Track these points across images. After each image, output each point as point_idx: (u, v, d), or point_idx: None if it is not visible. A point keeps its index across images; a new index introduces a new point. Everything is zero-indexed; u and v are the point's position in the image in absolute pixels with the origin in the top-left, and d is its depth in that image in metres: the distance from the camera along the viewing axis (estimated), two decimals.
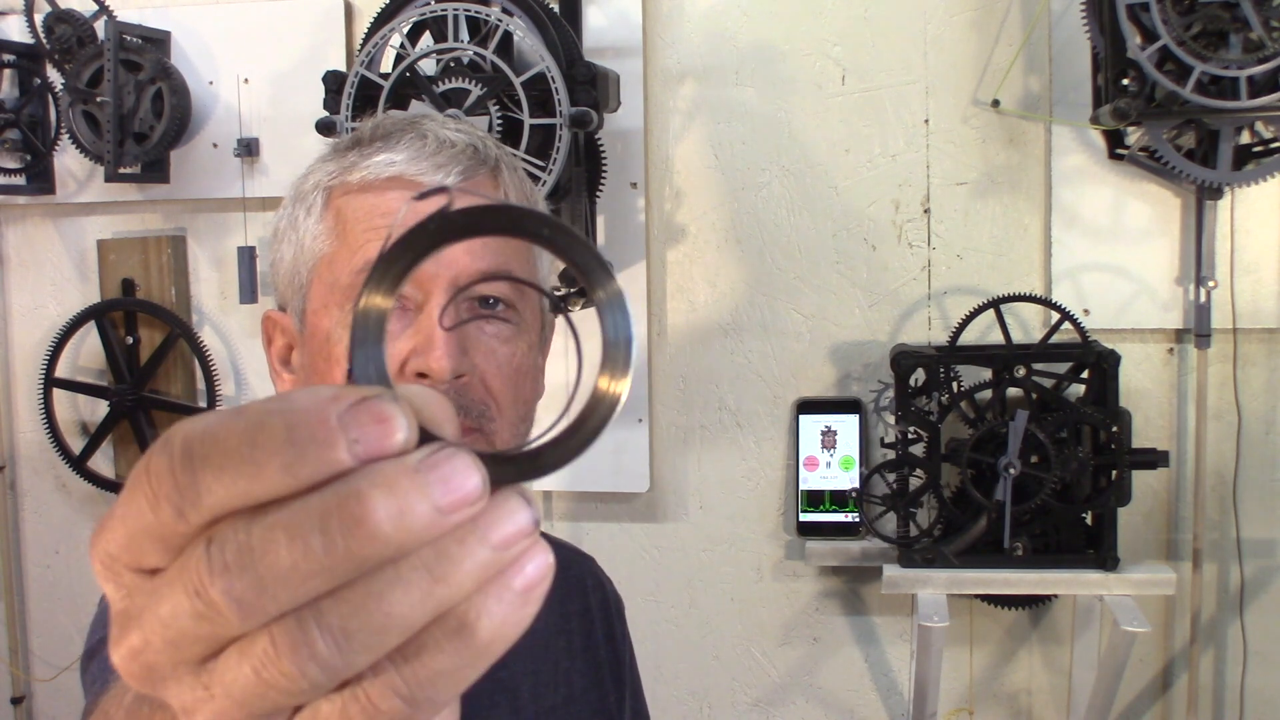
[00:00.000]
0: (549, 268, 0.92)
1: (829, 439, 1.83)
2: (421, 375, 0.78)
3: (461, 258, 0.80)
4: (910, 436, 1.69)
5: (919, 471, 1.69)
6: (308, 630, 0.28)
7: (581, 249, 0.33)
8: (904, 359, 1.68)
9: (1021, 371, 1.66)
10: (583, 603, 1.02)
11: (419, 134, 0.83)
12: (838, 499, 1.83)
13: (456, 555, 0.28)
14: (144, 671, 0.30)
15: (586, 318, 1.86)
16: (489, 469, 0.30)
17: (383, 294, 0.32)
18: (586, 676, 0.98)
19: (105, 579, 0.31)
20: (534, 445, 0.32)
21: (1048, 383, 1.69)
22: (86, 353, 2.08)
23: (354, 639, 0.28)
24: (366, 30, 1.66)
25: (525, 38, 1.56)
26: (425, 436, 0.30)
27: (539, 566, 0.30)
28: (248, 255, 1.92)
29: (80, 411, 2.09)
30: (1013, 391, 1.69)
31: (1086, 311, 1.75)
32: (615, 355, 0.32)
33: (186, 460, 0.28)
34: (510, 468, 0.31)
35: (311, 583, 0.28)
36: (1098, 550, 1.65)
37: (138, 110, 1.88)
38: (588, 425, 0.32)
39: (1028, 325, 1.79)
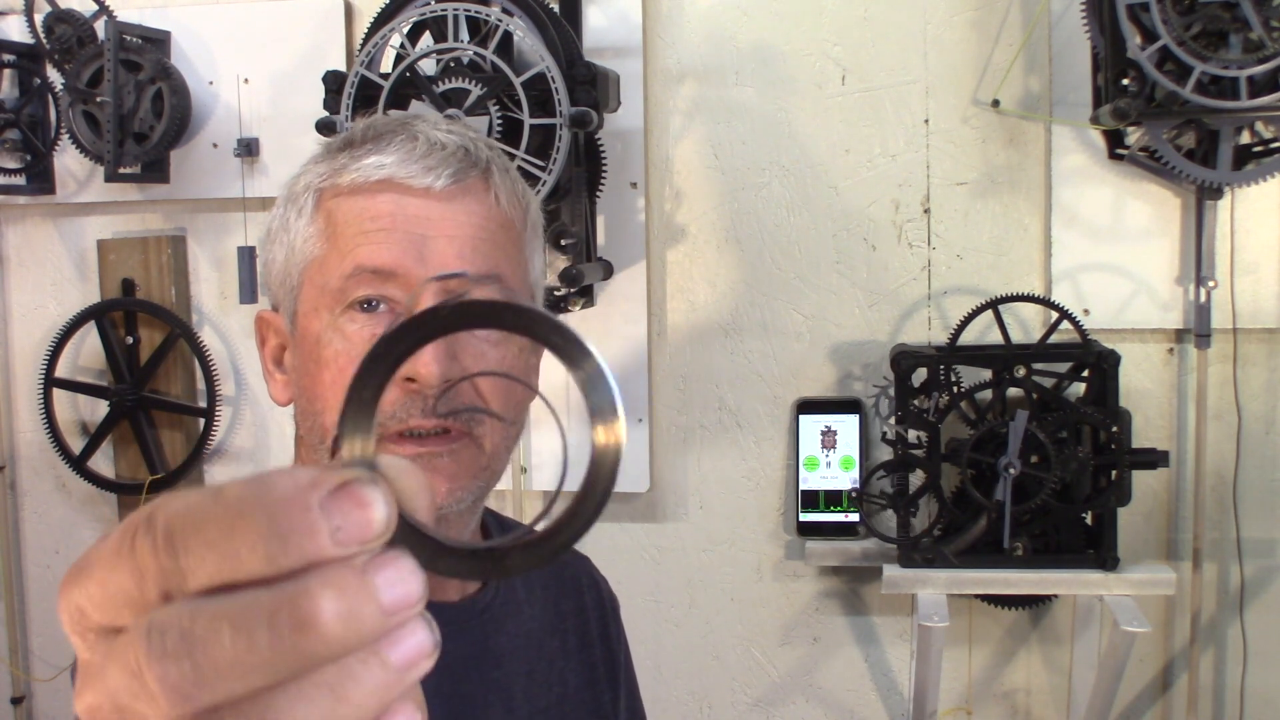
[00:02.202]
0: (543, 269, 0.91)
1: (829, 439, 1.83)
2: (409, 380, 0.78)
3: (451, 261, 0.80)
4: (910, 437, 1.69)
5: (919, 471, 1.69)
6: None
7: (549, 329, 0.32)
8: (904, 359, 1.68)
9: (1021, 371, 1.66)
10: (577, 602, 1.02)
11: (410, 135, 0.82)
12: (835, 499, 1.83)
13: (359, 674, 0.28)
14: None
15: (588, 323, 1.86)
16: (453, 563, 0.30)
17: (380, 374, 0.33)
18: (581, 676, 0.98)
19: (70, 629, 0.31)
20: (499, 543, 0.32)
21: (1048, 383, 1.68)
22: (86, 353, 2.08)
23: None
24: (366, 30, 1.66)
25: (525, 38, 1.56)
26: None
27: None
28: (248, 255, 1.92)
29: (80, 411, 2.09)
30: (1013, 391, 1.69)
31: (1086, 311, 1.75)
32: (602, 415, 0.32)
33: (169, 545, 0.28)
34: (473, 563, 0.31)
35: (249, 678, 0.27)
36: (1098, 550, 1.65)
37: (138, 110, 1.88)
38: (588, 503, 0.32)
39: (1028, 325, 1.79)
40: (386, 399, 0.79)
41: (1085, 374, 1.68)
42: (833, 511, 1.83)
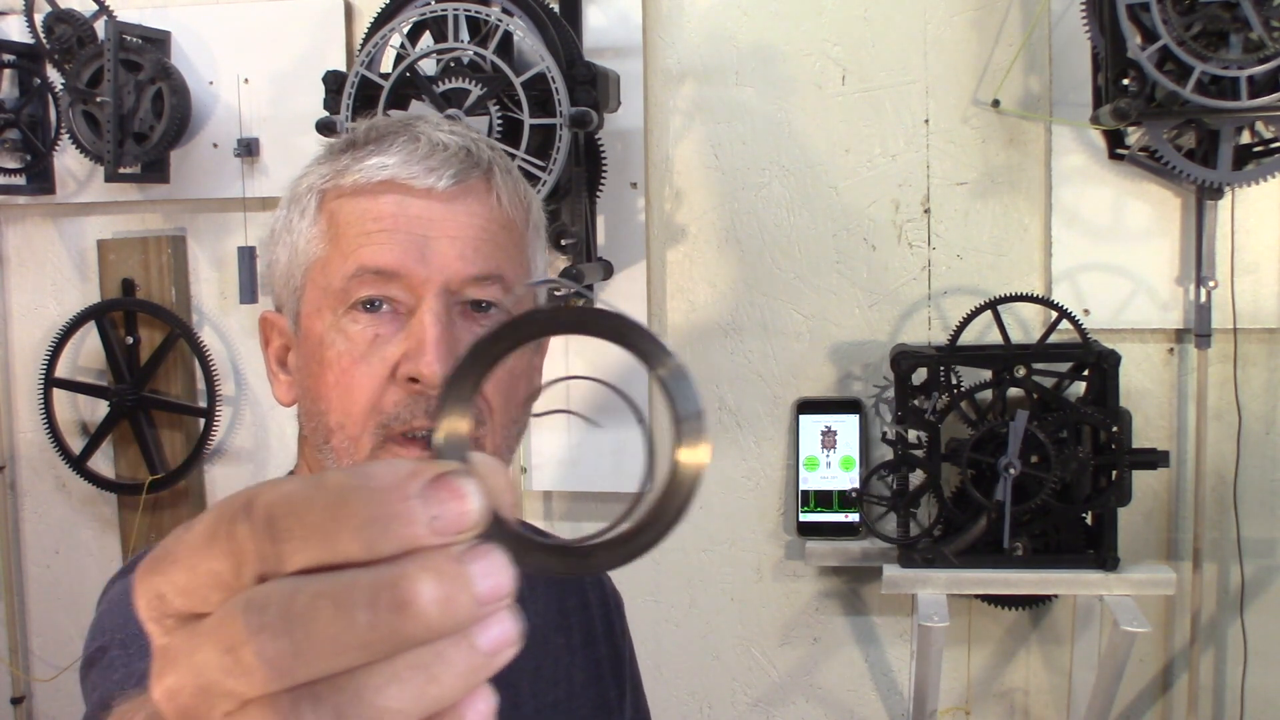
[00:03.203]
0: (543, 268, 0.91)
1: (829, 439, 1.83)
2: (413, 380, 0.78)
3: (453, 262, 0.80)
4: (910, 437, 1.69)
5: (919, 471, 1.69)
6: (299, 714, 0.28)
7: (634, 332, 0.34)
8: (904, 359, 1.68)
9: (1021, 371, 1.66)
10: (581, 599, 1.02)
11: (411, 136, 0.83)
12: (826, 499, 1.83)
13: (451, 656, 0.29)
14: (180, 713, 0.31)
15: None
16: (538, 558, 0.32)
17: (475, 378, 0.34)
18: (586, 672, 0.98)
19: (148, 616, 0.31)
20: (594, 540, 0.34)
21: (1048, 383, 1.69)
22: (86, 353, 2.08)
23: None
24: (366, 30, 1.66)
25: (525, 38, 1.56)
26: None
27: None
28: (248, 255, 1.92)
29: (80, 411, 2.09)
30: (1013, 391, 1.69)
31: (1087, 311, 1.75)
32: (689, 428, 0.34)
33: (269, 531, 0.29)
34: (558, 559, 0.33)
35: (345, 655, 0.28)
36: (1098, 550, 1.65)
37: (138, 110, 1.88)
38: (669, 507, 0.34)
39: (1028, 325, 1.79)
40: (389, 400, 0.79)
41: (1085, 374, 1.68)
42: (833, 511, 1.83)
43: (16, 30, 2.01)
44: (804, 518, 1.83)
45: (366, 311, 0.80)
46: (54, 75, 1.98)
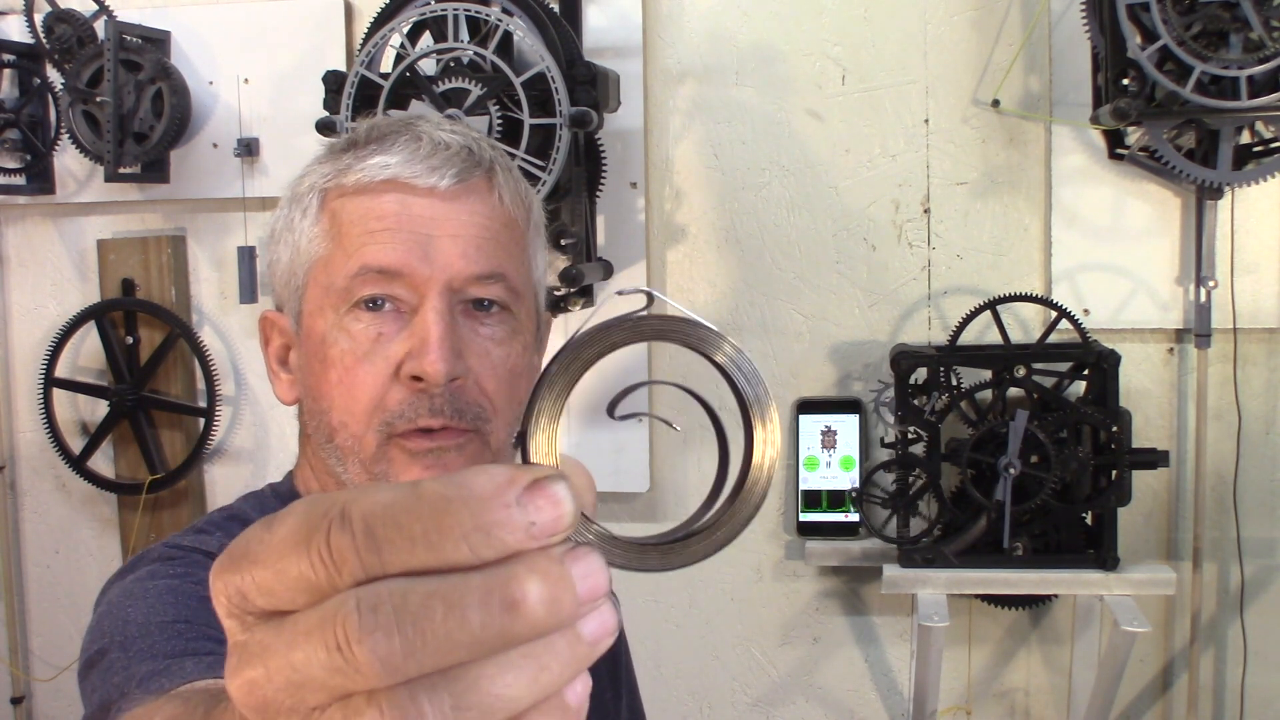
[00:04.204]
0: (544, 267, 0.91)
1: (829, 439, 1.83)
2: (416, 378, 0.78)
3: (456, 261, 0.80)
4: (910, 436, 1.69)
5: (919, 471, 1.69)
6: (419, 704, 0.30)
7: (714, 344, 0.37)
8: (904, 359, 1.68)
9: (1021, 371, 1.66)
10: None
11: (413, 136, 0.83)
12: (826, 499, 1.83)
13: (559, 647, 0.31)
14: (259, 705, 0.32)
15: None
16: (621, 554, 0.34)
17: (565, 380, 0.35)
18: None
19: (226, 613, 0.32)
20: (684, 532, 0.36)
21: (1048, 383, 1.69)
22: (86, 353, 2.08)
23: (462, 716, 0.30)
24: (366, 30, 1.66)
25: (525, 38, 1.56)
26: None
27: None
28: (248, 255, 1.92)
29: (80, 411, 2.09)
30: (1013, 391, 1.69)
31: (1086, 311, 1.75)
32: (758, 412, 0.36)
33: (370, 540, 0.30)
34: (641, 555, 0.35)
35: (455, 652, 0.30)
36: (1098, 550, 1.65)
37: (138, 110, 1.88)
38: (748, 498, 0.37)
39: (1028, 325, 1.79)
40: (392, 398, 0.79)
41: (1085, 374, 1.68)
42: (833, 511, 1.83)
43: (16, 30, 2.01)
44: (804, 518, 1.83)
45: (369, 310, 0.80)
46: (54, 75, 1.98)
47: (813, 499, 1.83)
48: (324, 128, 1.57)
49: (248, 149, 1.95)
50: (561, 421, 0.38)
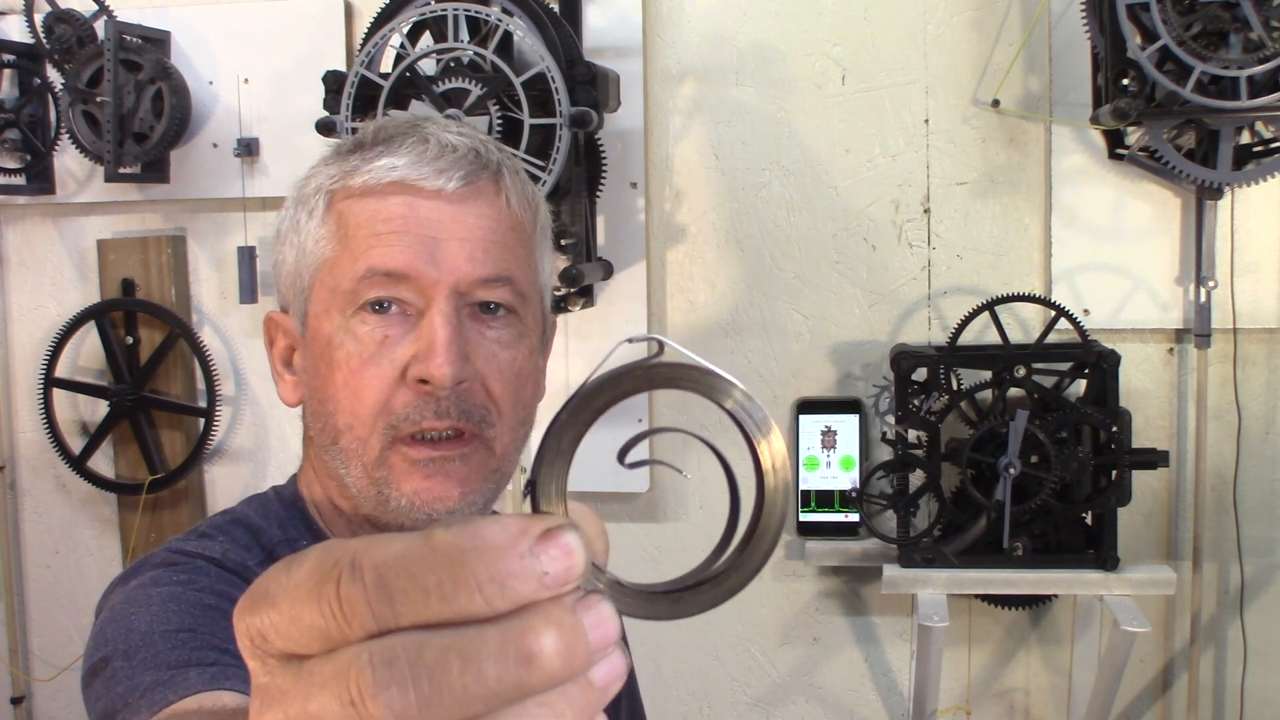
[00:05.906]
0: (550, 270, 0.91)
1: (829, 439, 1.83)
2: (423, 381, 0.78)
3: (463, 264, 0.80)
4: (910, 437, 1.69)
5: (919, 471, 1.69)
6: None
7: (724, 390, 0.37)
8: (904, 359, 1.68)
9: (1021, 371, 1.66)
10: None
11: (421, 138, 0.82)
12: (826, 499, 1.83)
13: (572, 694, 0.31)
14: None
15: (586, 319, 1.86)
16: (630, 603, 0.35)
17: (575, 429, 0.36)
18: None
19: (249, 654, 0.33)
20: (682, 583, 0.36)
21: (1048, 383, 1.69)
22: (86, 353, 2.08)
23: None
24: (366, 30, 1.66)
25: (525, 38, 1.56)
26: None
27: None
28: (248, 255, 1.92)
29: (80, 411, 2.09)
30: (1013, 391, 1.69)
31: (1086, 311, 1.75)
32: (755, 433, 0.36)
33: (383, 593, 0.30)
34: (649, 604, 0.35)
35: (474, 706, 0.30)
36: (1098, 550, 1.65)
37: (138, 110, 1.88)
38: (760, 542, 0.37)
39: (1028, 325, 1.79)
40: (398, 401, 0.79)
41: (1085, 374, 1.68)
42: (833, 511, 1.83)
43: (16, 30, 2.01)
44: (804, 517, 1.84)
45: (375, 313, 0.80)
46: (54, 75, 1.98)
47: (824, 499, 1.83)
48: (324, 128, 1.57)
49: (248, 149, 1.95)
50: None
